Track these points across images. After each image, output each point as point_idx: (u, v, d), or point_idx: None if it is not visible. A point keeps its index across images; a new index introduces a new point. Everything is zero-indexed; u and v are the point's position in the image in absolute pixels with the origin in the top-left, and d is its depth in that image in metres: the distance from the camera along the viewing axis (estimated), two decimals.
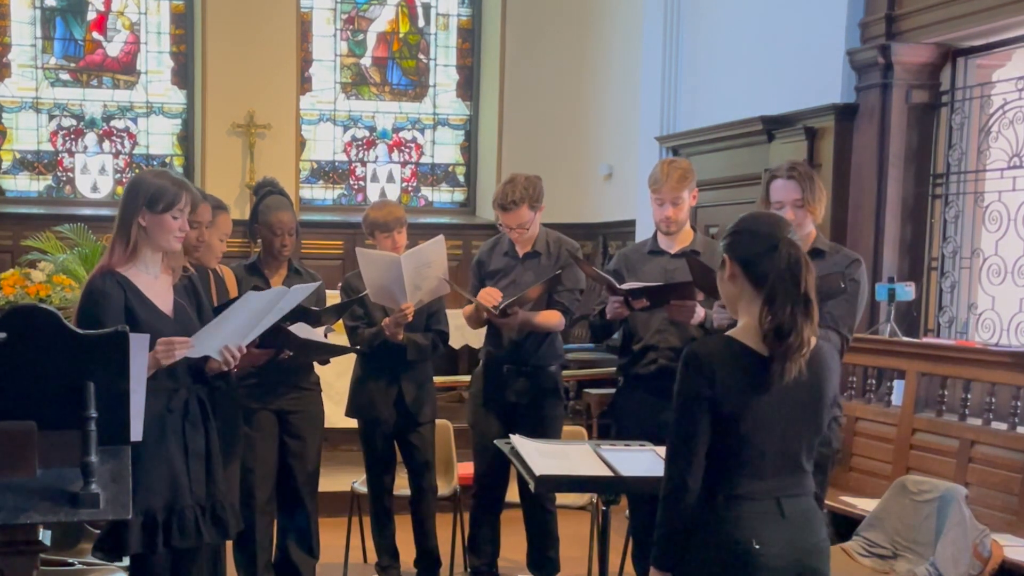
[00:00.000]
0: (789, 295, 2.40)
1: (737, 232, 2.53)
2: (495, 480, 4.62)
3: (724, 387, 2.43)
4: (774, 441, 2.46)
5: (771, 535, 2.44)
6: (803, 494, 2.53)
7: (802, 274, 2.41)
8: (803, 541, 2.49)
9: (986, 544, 3.93)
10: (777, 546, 2.44)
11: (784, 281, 2.41)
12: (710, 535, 2.48)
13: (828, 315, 3.61)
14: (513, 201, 4.32)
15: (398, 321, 4.35)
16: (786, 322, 2.39)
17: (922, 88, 5.58)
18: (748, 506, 2.46)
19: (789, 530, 2.47)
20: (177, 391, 3.21)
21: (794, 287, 2.40)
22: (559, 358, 4.62)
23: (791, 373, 2.41)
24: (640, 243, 4.35)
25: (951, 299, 5.54)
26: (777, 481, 2.48)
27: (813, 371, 2.48)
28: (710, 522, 2.48)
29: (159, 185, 3.14)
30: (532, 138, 9.15)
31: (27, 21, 9.08)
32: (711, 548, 2.47)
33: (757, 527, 2.44)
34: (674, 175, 4.00)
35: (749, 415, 2.44)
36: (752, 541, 2.43)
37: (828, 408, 2.54)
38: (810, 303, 2.41)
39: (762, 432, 2.45)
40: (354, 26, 9.70)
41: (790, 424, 2.47)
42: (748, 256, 2.48)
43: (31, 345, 2.46)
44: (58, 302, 5.86)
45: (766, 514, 2.46)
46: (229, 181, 8.82)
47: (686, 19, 7.52)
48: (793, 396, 2.46)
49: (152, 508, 3.12)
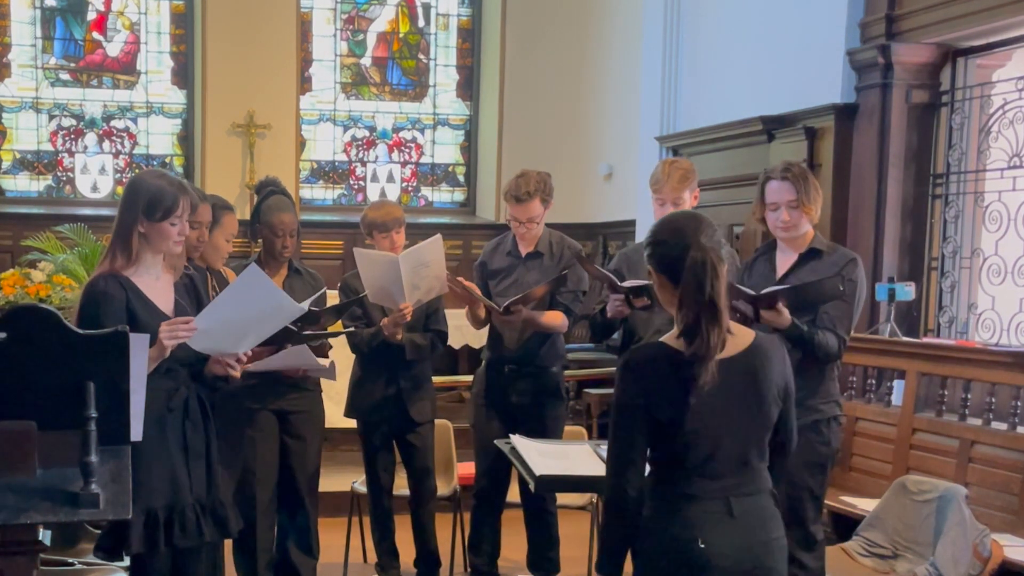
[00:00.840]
0: (694, 300, 2.42)
1: (654, 243, 2.57)
2: (496, 480, 4.61)
3: (657, 394, 2.47)
4: (718, 441, 2.47)
5: (717, 534, 2.45)
6: (755, 492, 2.53)
7: (706, 278, 2.42)
8: (753, 539, 2.49)
9: (986, 544, 3.93)
10: (723, 545, 2.45)
11: (689, 286, 2.43)
12: (658, 535, 2.50)
13: (825, 315, 3.61)
14: (527, 192, 4.32)
15: (397, 321, 4.35)
16: (691, 326, 2.42)
17: (922, 88, 5.58)
18: (695, 505, 2.47)
19: (737, 529, 2.47)
20: (177, 390, 3.21)
21: (698, 292, 2.42)
22: (561, 359, 4.62)
23: (706, 376, 2.42)
24: (641, 243, 4.34)
25: (951, 299, 5.54)
26: (726, 480, 2.49)
27: (751, 367, 2.50)
28: (658, 522, 2.50)
29: (156, 192, 3.12)
30: (532, 138, 9.15)
31: (27, 21, 9.08)
32: (659, 548, 2.50)
33: (703, 526, 2.45)
34: (675, 175, 3.99)
35: (686, 418, 2.45)
36: (698, 540, 2.44)
37: (775, 402, 2.53)
38: (715, 308, 2.42)
39: (703, 433, 2.47)
40: (354, 26, 9.70)
41: (733, 423, 2.49)
42: (665, 264, 2.52)
43: (31, 345, 2.46)
44: (58, 302, 5.85)
45: (713, 513, 2.47)
46: (229, 181, 8.82)
47: (686, 19, 7.52)
48: (733, 395, 2.47)
49: (153, 507, 3.12)
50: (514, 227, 4.45)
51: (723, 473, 2.48)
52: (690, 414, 2.46)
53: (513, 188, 4.36)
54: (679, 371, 2.45)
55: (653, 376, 2.48)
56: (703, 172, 7.26)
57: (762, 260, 3.88)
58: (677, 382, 2.45)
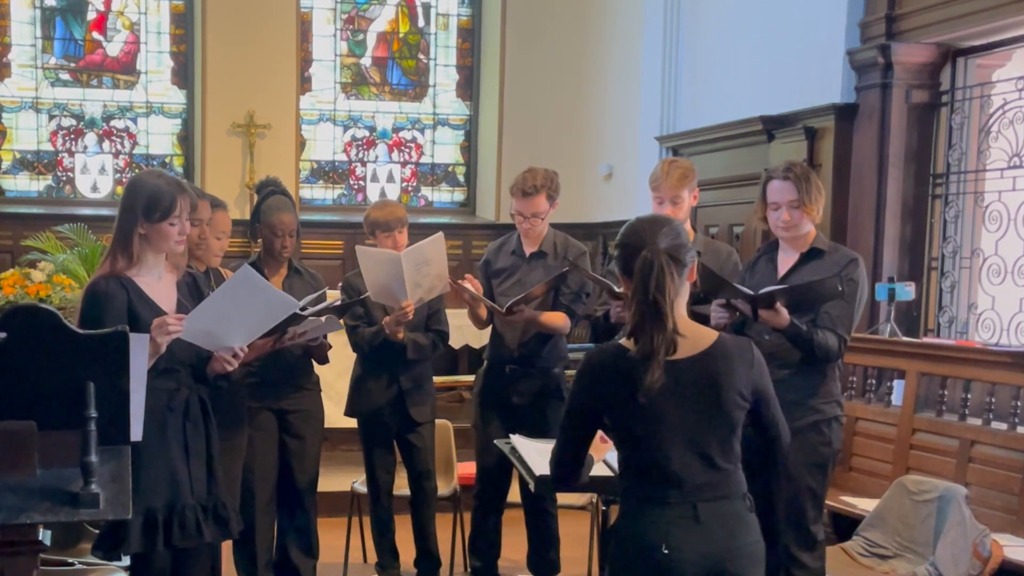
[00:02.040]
0: (639, 301, 2.43)
1: (617, 245, 2.58)
2: (497, 480, 4.61)
3: (608, 397, 2.48)
4: (678, 444, 2.46)
5: (682, 540, 2.43)
6: (725, 497, 2.49)
7: (651, 279, 2.41)
8: (719, 546, 2.45)
9: (986, 544, 3.93)
10: (687, 551, 2.43)
11: (637, 288, 2.44)
12: (624, 540, 2.50)
13: (826, 315, 3.61)
14: (534, 186, 4.33)
15: (399, 319, 4.35)
16: (636, 326, 2.43)
17: (922, 88, 5.58)
18: (660, 511, 2.46)
19: (703, 535, 2.45)
20: (178, 390, 3.22)
21: (643, 292, 2.42)
22: (563, 360, 4.61)
23: (651, 377, 2.40)
24: None
25: (951, 299, 5.54)
26: (692, 484, 2.46)
27: (708, 369, 2.48)
28: (625, 527, 2.51)
29: (154, 193, 3.12)
30: (532, 138, 9.14)
31: (27, 21, 9.07)
32: (626, 553, 2.49)
33: (668, 532, 2.44)
34: (674, 174, 4.00)
35: (644, 422, 2.45)
36: (662, 546, 2.43)
37: (736, 405, 2.50)
38: (658, 309, 2.40)
39: (661, 436, 2.46)
40: (354, 26, 9.70)
41: (694, 425, 2.47)
42: (625, 267, 2.53)
43: (31, 345, 2.46)
44: (58, 302, 5.85)
45: (679, 519, 2.45)
46: (229, 181, 8.81)
47: (686, 19, 7.52)
48: (686, 397, 2.46)
49: (153, 507, 3.12)
50: (518, 223, 4.44)
51: (685, 478, 2.46)
52: (639, 416, 2.45)
53: (519, 182, 4.37)
54: (630, 373, 2.44)
55: (604, 377, 2.49)
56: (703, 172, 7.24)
57: (764, 260, 3.87)
58: (626, 383, 2.44)
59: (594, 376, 2.51)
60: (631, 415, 2.46)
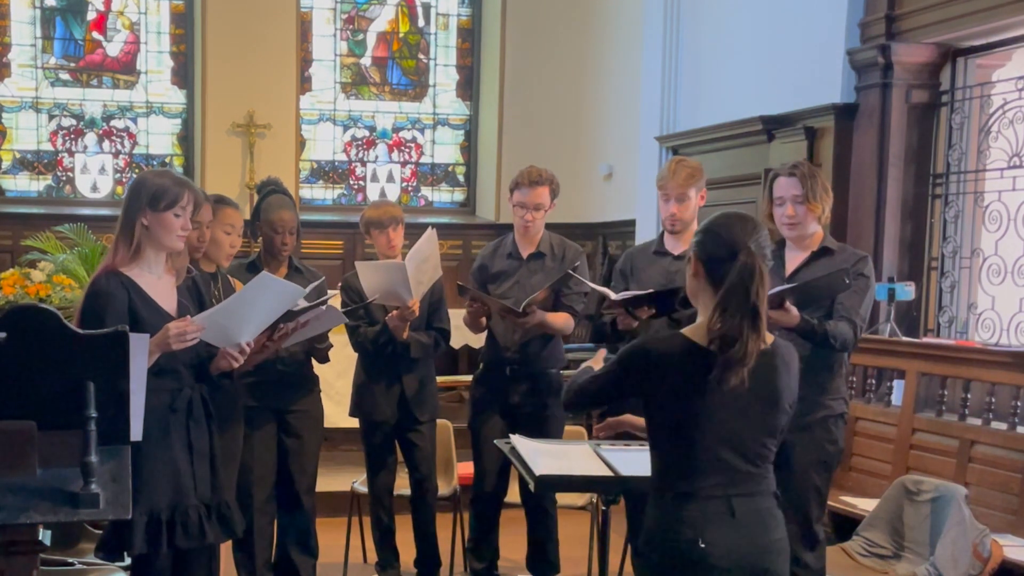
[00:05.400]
0: (739, 306, 2.42)
1: (706, 231, 2.56)
2: (496, 480, 4.61)
3: (673, 389, 2.47)
4: (725, 441, 2.47)
5: (719, 535, 2.45)
6: (758, 493, 2.52)
7: (753, 286, 2.42)
8: (754, 541, 2.48)
9: (986, 544, 3.93)
10: (724, 546, 2.45)
11: (736, 291, 2.43)
12: (659, 533, 2.51)
13: (840, 306, 3.62)
14: (539, 176, 4.37)
15: (404, 316, 4.35)
16: (732, 332, 2.41)
17: (922, 88, 5.58)
18: (697, 505, 2.47)
19: (739, 530, 2.47)
20: (181, 390, 3.22)
21: (744, 298, 2.42)
22: (561, 361, 4.63)
23: (731, 382, 2.42)
24: (647, 243, 4.35)
25: (951, 299, 5.54)
26: (729, 481, 2.48)
27: (770, 373, 2.50)
28: (661, 521, 2.51)
29: (161, 183, 3.15)
30: (532, 138, 9.14)
31: (27, 21, 9.08)
32: (660, 546, 2.50)
33: (704, 526, 2.45)
34: (681, 173, 4.02)
35: (698, 416, 2.46)
36: (699, 540, 2.44)
37: (785, 410, 2.54)
38: (757, 315, 2.42)
39: (712, 433, 2.47)
40: (354, 26, 9.70)
41: (743, 425, 2.48)
42: (709, 257, 2.51)
43: (31, 345, 2.46)
44: (58, 302, 5.84)
45: (716, 514, 2.46)
46: (229, 181, 8.81)
47: (686, 19, 7.52)
48: (746, 397, 2.47)
49: (156, 508, 3.12)
50: (519, 216, 4.43)
51: (726, 473, 2.48)
52: (693, 411, 2.46)
53: (523, 173, 4.40)
54: (699, 366, 2.44)
55: (667, 368, 2.47)
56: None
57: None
58: (690, 379, 2.45)
59: (655, 363, 2.49)
60: (685, 409, 2.46)
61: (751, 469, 2.50)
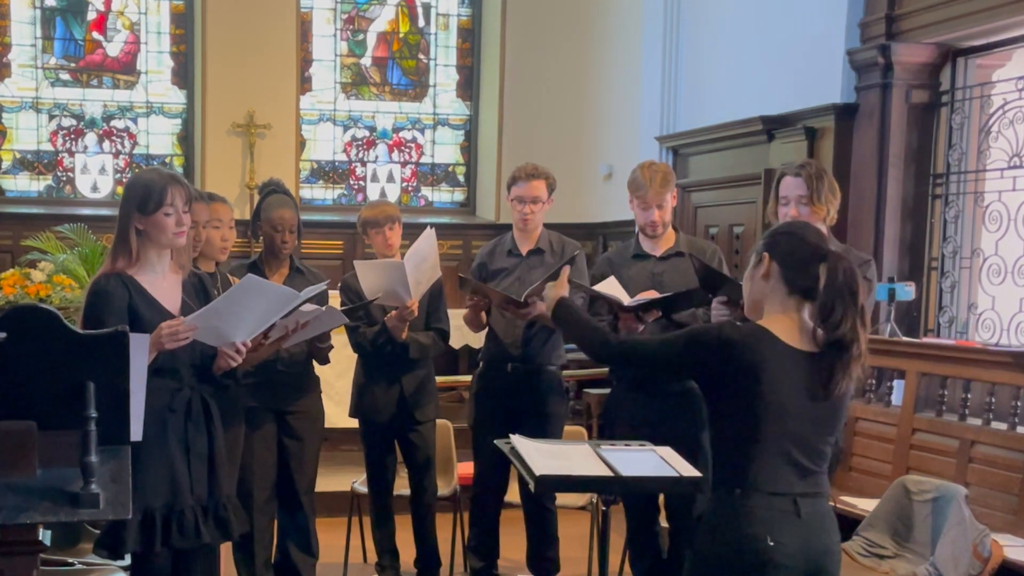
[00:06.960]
0: (849, 308, 2.42)
1: (783, 233, 2.57)
2: (496, 480, 4.61)
3: (757, 385, 2.44)
4: (796, 441, 2.47)
5: (786, 533, 2.44)
6: (820, 495, 2.52)
7: (856, 287, 2.44)
8: (816, 542, 2.48)
9: (986, 544, 3.93)
10: (791, 545, 2.44)
11: (843, 295, 2.43)
12: (726, 529, 2.48)
13: None
14: (536, 169, 4.38)
15: (404, 316, 4.35)
16: (847, 334, 2.42)
17: (922, 88, 5.59)
18: (765, 502, 2.46)
19: (804, 530, 2.46)
20: (180, 391, 3.21)
21: (852, 300, 2.43)
22: (561, 359, 4.62)
23: (846, 383, 2.44)
24: (623, 246, 4.34)
25: (951, 299, 5.54)
26: (795, 480, 2.48)
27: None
28: (726, 516, 2.49)
29: (145, 185, 3.15)
30: (532, 138, 9.15)
31: (27, 21, 9.08)
32: (726, 542, 2.48)
33: (773, 524, 2.44)
34: (657, 179, 4.01)
35: (777, 414, 2.45)
36: (767, 537, 2.43)
37: (847, 408, 2.57)
38: (865, 313, 2.45)
39: (787, 430, 2.46)
40: (354, 26, 9.70)
41: (811, 424, 2.48)
42: (790, 259, 2.50)
43: (31, 345, 2.46)
44: (58, 302, 5.84)
45: (783, 512, 2.45)
46: (229, 181, 8.81)
47: (686, 19, 7.52)
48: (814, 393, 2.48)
49: (151, 507, 3.12)
50: (517, 211, 4.43)
51: (793, 472, 2.48)
52: (785, 410, 2.45)
53: (520, 170, 4.41)
54: (796, 365, 2.44)
55: (771, 366, 2.44)
56: (703, 172, 7.30)
57: None
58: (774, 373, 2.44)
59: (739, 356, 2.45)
60: (767, 406, 2.44)
61: (814, 468, 2.50)
